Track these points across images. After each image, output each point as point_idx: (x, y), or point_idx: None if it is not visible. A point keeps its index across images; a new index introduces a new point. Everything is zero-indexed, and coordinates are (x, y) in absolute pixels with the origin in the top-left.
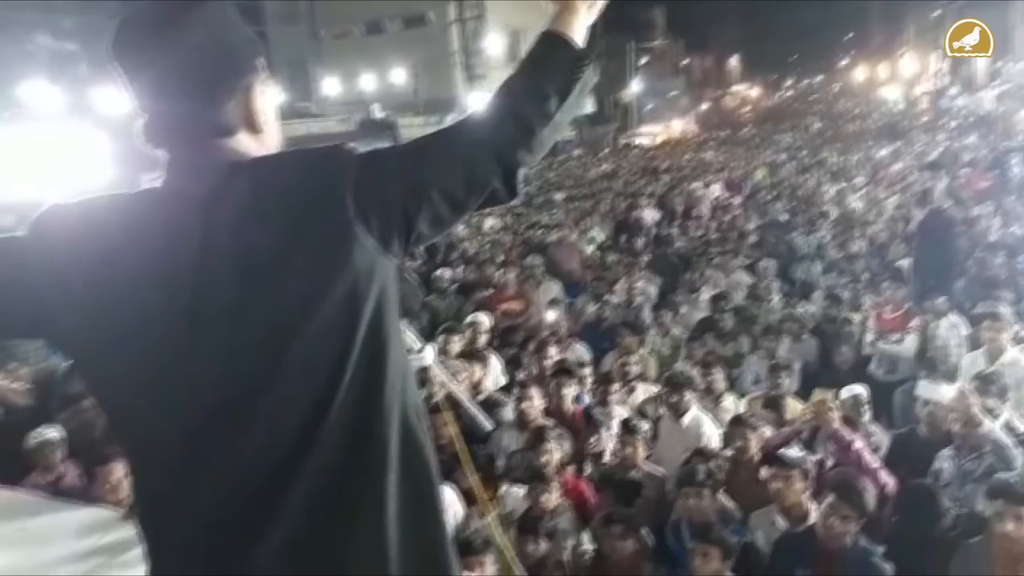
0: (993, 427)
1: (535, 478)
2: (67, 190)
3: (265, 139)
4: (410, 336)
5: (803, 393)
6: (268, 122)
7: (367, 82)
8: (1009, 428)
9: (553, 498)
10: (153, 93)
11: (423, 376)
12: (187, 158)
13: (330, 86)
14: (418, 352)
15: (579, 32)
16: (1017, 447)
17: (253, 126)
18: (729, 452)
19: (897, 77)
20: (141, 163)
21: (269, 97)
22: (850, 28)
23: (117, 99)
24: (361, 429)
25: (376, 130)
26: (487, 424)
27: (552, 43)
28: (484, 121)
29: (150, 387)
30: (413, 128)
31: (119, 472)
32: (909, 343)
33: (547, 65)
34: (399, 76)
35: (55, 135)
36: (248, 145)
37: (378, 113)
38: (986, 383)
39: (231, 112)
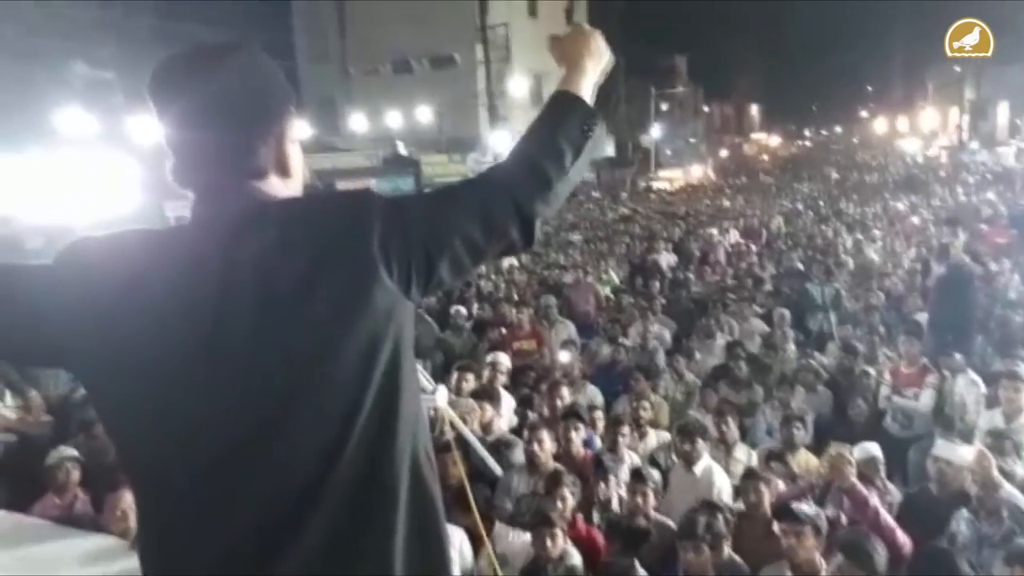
0: (1013, 491)
1: (541, 523)
2: (94, 215)
3: (293, 183)
4: (423, 377)
5: (816, 446)
6: (297, 167)
7: (393, 119)
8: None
9: (559, 544)
10: (186, 133)
11: (433, 416)
12: (216, 198)
13: (357, 122)
14: (431, 393)
15: (588, 91)
16: None
17: (284, 170)
18: (741, 505)
19: (916, 130)
20: (169, 192)
21: (296, 143)
22: (871, 80)
23: (150, 128)
24: (373, 472)
25: (400, 166)
26: (496, 469)
27: (565, 102)
28: (504, 174)
29: (162, 420)
30: (436, 166)
31: (128, 500)
32: (925, 399)
33: (562, 123)
34: (425, 114)
35: (86, 161)
36: (277, 188)
37: (403, 150)
38: (1000, 440)
39: (263, 155)
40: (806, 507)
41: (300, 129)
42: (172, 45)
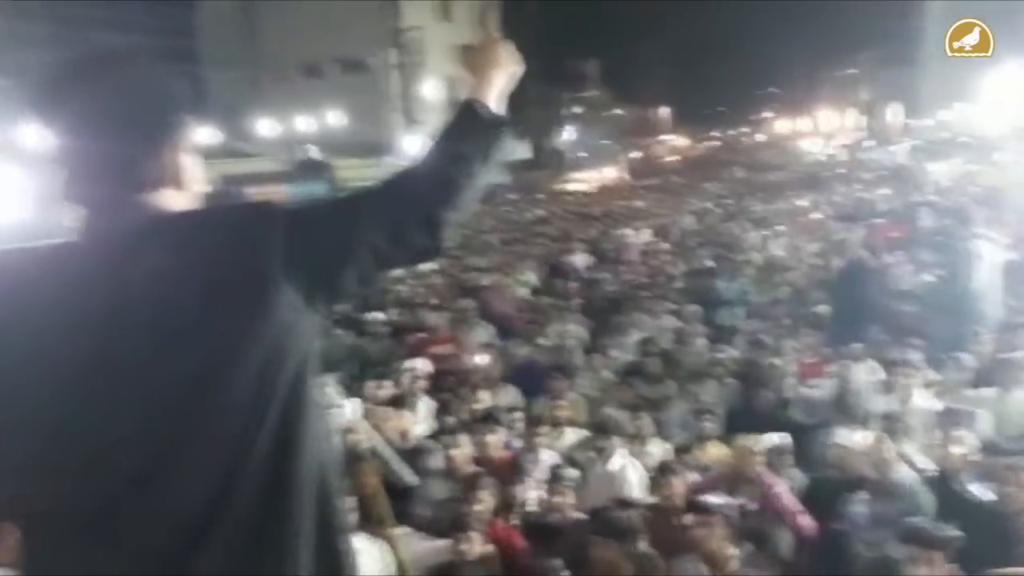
0: (905, 471)
1: (457, 527)
2: None
3: (189, 195)
4: (332, 391)
5: (727, 437)
6: (193, 179)
7: (304, 124)
8: (917, 468)
9: (475, 548)
10: (73, 145)
11: (346, 429)
12: (105, 212)
13: (267, 127)
14: (339, 407)
15: (496, 100)
16: (926, 490)
17: (179, 182)
18: (654, 499)
19: (817, 130)
20: (61, 203)
21: (195, 154)
22: (774, 82)
23: (45, 137)
24: (277, 492)
25: (312, 171)
26: (412, 479)
27: (473, 111)
28: (413, 181)
29: (50, 446)
30: (349, 169)
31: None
32: (827, 388)
33: (470, 130)
34: (337, 118)
35: None
36: (172, 200)
37: (315, 154)
38: (894, 423)
39: (155, 167)
40: (715, 498)
41: (202, 137)
42: (70, 51)
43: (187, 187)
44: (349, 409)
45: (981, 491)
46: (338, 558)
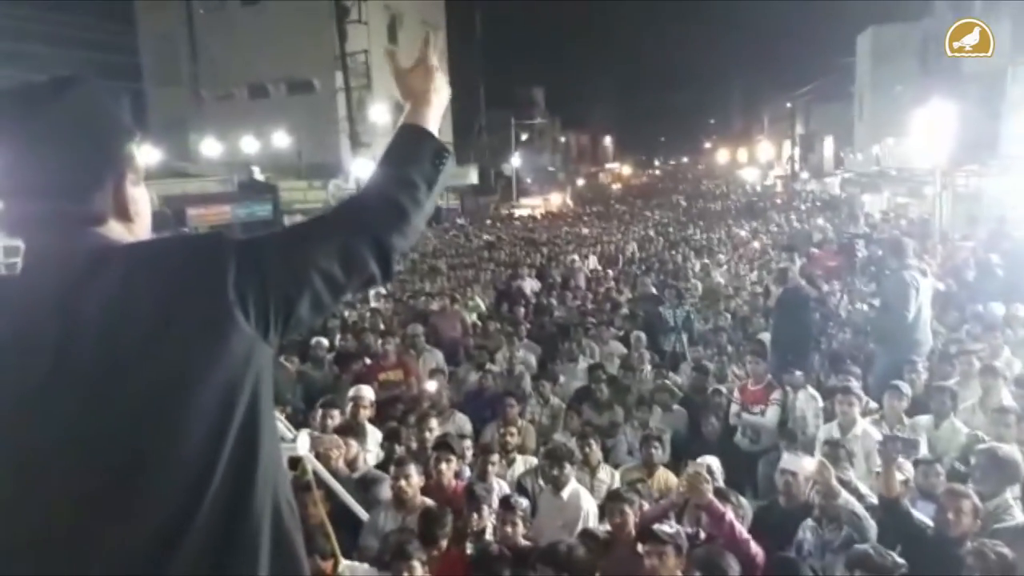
0: (849, 499)
1: (398, 557)
2: None
3: (137, 228)
4: (282, 424)
5: (673, 463)
6: (140, 211)
7: (249, 144)
8: (859, 495)
9: None
10: (13, 178)
11: (295, 463)
12: (48, 245)
13: (210, 147)
14: (291, 441)
15: (435, 125)
16: (868, 517)
17: (124, 214)
18: (607, 527)
19: (754, 160)
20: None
21: (141, 186)
22: (713, 114)
23: None
24: (231, 526)
25: (256, 192)
26: (361, 514)
27: (415, 136)
28: (360, 208)
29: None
30: (295, 192)
31: None
32: (771, 414)
33: (414, 156)
34: (282, 140)
35: None
36: (118, 232)
37: (259, 175)
38: (836, 449)
39: (99, 199)
40: (667, 527)
41: (142, 156)
42: (12, 66)
43: (135, 219)
44: (300, 442)
45: (923, 517)
46: None
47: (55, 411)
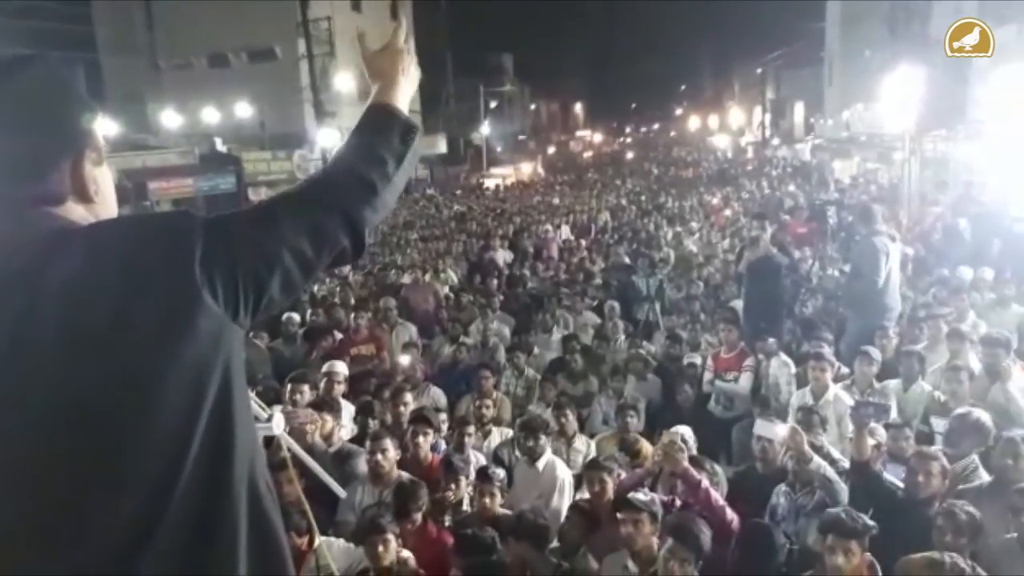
0: (821, 463)
1: (372, 531)
2: None
3: (99, 208)
4: (256, 404)
5: (648, 432)
6: (101, 191)
7: (210, 115)
8: (831, 460)
9: (391, 551)
10: None
11: (269, 441)
12: (6, 227)
13: (170, 118)
14: (266, 421)
15: (403, 102)
16: (840, 481)
17: (83, 195)
18: (585, 495)
19: (726, 127)
20: None
21: (103, 165)
22: (684, 80)
23: None
24: (209, 508)
25: (219, 164)
26: (340, 492)
27: (383, 113)
28: (328, 184)
29: None
30: (259, 163)
31: None
32: (744, 381)
33: (382, 133)
34: (244, 110)
35: None
36: (78, 213)
37: (221, 147)
38: (809, 415)
39: (56, 180)
40: (642, 495)
41: (104, 130)
42: None
43: (97, 200)
44: (275, 421)
45: (894, 479)
46: (271, 559)
47: (12, 399)
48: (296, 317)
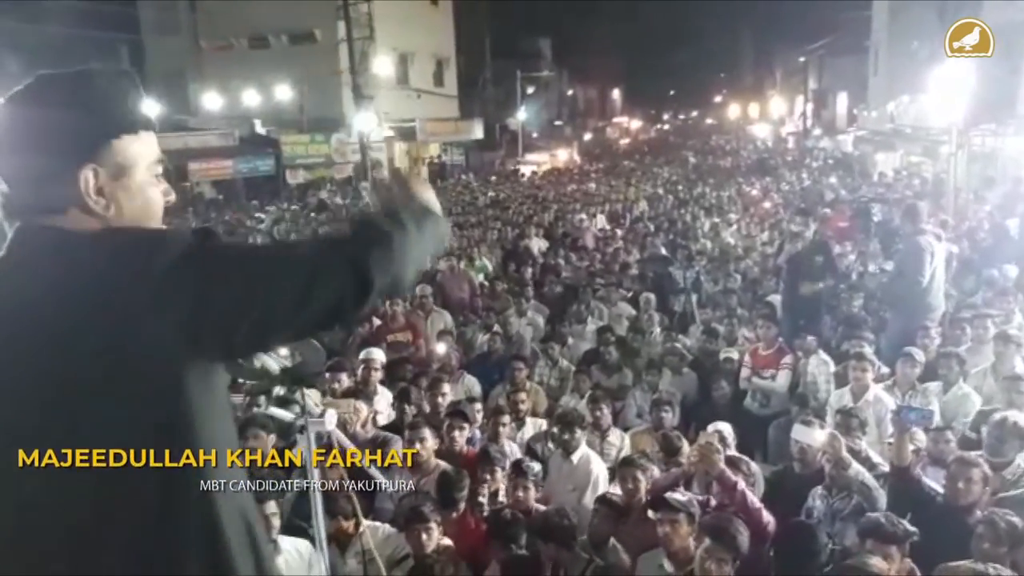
0: (860, 469)
1: (414, 519)
2: None
3: (113, 219)
4: (310, 401)
5: (683, 427)
6: (119, 203)
7: (250, 97)
8: (870, 464)
9: (434, 539)
10: None
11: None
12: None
13: (210, 100)
14: (318, 417)
15: (415, 217)
16: (879, 486)
17: (86, 207)
18: (618, 490)
19: (766, 116)
20: None
21: (127, 179)
22: (724, 67)
23: None
24: (150, 532)
25: (258, 146)
26: (384, 481)
27: (404, 197)
28: (336, 233)
29: None
30: (297, 146)
31: None
32: (782, 379)
33: (401, 202)
34: (284, 92)
35: None
36: (83, 223)
37: (260, 129)
38: (848, 418)
39: (52, 193)
40: (679, 495)
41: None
42: (3, 15)
43: (106, 212)
44: (328, 417)
45: (934, 484)
46: None
47: None
48: None
